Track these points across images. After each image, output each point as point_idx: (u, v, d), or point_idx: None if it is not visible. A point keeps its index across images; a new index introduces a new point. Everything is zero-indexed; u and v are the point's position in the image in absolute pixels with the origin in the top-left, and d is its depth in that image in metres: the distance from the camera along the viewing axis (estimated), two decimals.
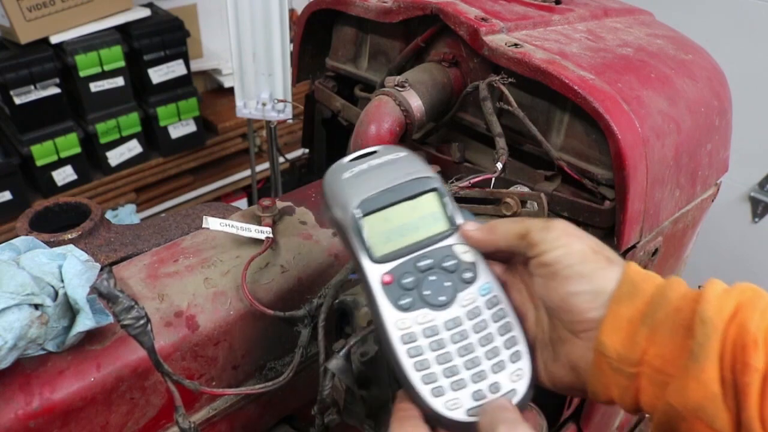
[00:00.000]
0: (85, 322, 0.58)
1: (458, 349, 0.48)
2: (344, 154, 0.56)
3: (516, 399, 0.47)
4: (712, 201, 1.05)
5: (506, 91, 0.86)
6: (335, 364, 0.62)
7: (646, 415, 0.48)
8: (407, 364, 0.48)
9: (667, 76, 0.89)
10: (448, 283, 0.50)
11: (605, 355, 0.45)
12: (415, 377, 0.47)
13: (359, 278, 0.52)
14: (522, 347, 0.49)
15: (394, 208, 0.51)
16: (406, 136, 0.93)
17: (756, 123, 1.88)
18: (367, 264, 0.50)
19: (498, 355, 0.49)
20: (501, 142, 0.86)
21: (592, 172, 0.85)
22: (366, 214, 0.51)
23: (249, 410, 0.78)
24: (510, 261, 0.54)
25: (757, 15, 1.88)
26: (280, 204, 0.83)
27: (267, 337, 0.76)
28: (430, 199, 0.52)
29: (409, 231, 0.51)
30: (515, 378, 0.48)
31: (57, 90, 2.28)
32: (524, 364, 0.49)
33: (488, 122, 0.88)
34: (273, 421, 0.83)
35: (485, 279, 0.51)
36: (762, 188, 2.05)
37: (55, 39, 2.27)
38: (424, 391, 0.47)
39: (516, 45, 0.86)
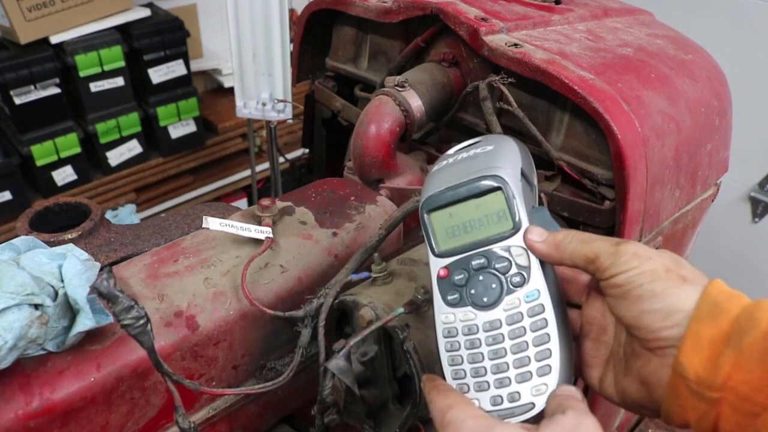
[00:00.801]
0: (85, 322, 0.58)
1: (489, 352, 0.49)
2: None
3: (531, 413, 0.47)
4: (712, 201, 1.05)
5: (506, 91, 0.86)
6: (335, 364, 0.62)
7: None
8: (444, 356, 0.51)
9: (667, 76, 0.89)
10: (495, 285, 0.50)
11: (684, 376, 0.43)
12: (447, 370, 0.51)
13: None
14: (554, 362, 0.48)
15: (459, 205, 0.52)
16: (406, 136, 0.93)
17: (756, 123, 1.88)
18: (431, 256, 0.53)
19: (526, 365, 0.48)
20: None
21: (592, 172, 0.85)
22: (431, 210, 0.53)
23: (249, 410, 0.78)
24: None
25: (757, 15, 1.88)
26: (280, 204, 0.83)
27: (267, 337, 0.76)
28: (495, 197, 0.50)
29: (473, 228, 0.51)
30: (536, 392, 0.47)
31: (57, 90, 2.28)
32: (550, 380, 0.47)
33: (488, 122, 0.88)
34: (273, 421, 0.83)
35: (535, 285, 0.49)
36: (762, 188, 2.05)
37: (55, 39, 2.27)
38: (453, 384, 0.51)
39: (516, 45, 0.86)
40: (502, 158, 0.52)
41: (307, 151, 1.40)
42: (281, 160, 2.32)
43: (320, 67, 1.22)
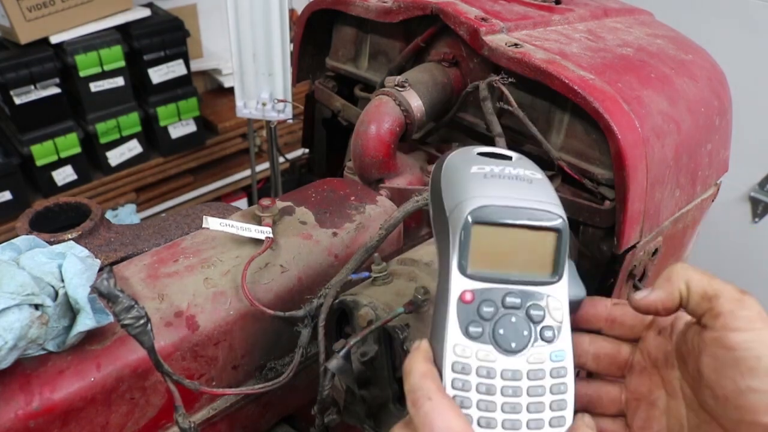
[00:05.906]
0: (85, 322, 0.58)
1: (505, 404, 0.44)
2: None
3: None
4: (712, 201, 1.05)
5: (506, 91, 0.86)
6: (335, 364, 0.62)
7: None
8: (449, 393, 0.46)
9: (667, 76, 0.89)
10: (526, 332, 0.45)
11: None
12: None
13: (439, 280, 0.47)
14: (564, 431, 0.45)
15: (510, 230, 0.45)
16: (406, 136, 0.93)
17: (756, 123, 1.88)
18: (454, 272, 0.46)
19: (540, 428, 0.45)
20: (501, 142, 0.86)
21: (592, 172, 0.85)
22: (479, 223, 0.45)
23: (249, 410, 0.78)
24: (642, 337, 0.50)
25: (757, 15, 1.88)
26: (280, 204, 0.83)
27: (267, 337, 0.76)
28: (550, 237, 0.46)
29: (513, 261, 0.46)
30: None
31: (57, 90, 2.28)
32: None
33: (488, 122, 0.88)
34: (273, 421, 0.83)
35: (563, 345, 0.46)
36: (762, 188, 2.05)
37: (55, 39, 2.27)
38: None
39: (516, 45, 0.86)
40: (555, 196, 0.47)
41: (307, 151, 1.40)
42: (281, 160, 2.32)
43: (320, 67, 1.22)
